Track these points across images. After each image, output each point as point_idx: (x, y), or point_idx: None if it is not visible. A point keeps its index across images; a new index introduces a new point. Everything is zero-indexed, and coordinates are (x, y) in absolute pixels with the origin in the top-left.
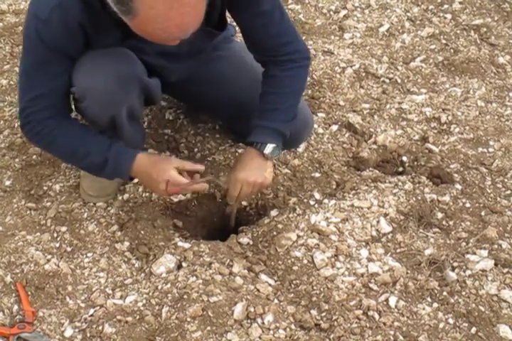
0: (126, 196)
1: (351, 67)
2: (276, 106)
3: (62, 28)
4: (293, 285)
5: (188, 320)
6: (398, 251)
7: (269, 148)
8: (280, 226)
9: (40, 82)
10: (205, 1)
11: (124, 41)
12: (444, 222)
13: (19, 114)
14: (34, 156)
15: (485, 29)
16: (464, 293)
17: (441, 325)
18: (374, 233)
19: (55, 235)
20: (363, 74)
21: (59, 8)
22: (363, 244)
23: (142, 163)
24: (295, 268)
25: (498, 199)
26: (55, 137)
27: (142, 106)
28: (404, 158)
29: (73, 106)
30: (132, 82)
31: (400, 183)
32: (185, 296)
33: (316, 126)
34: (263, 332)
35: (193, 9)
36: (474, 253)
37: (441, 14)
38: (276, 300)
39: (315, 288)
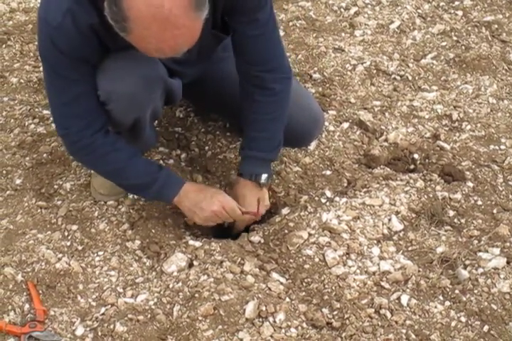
0: None
1: (362, 64)
2: (263, 135)
3: (75, 32)
4: (304, 284)
5: (200, 318)
6: (410, 249)
7: (263, 178)
8: (291, 224)
9: (69, 91)
10: (201, 21)
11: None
12: (455, 220)
13: (56, 124)
14: (44, 155)
15: (496, 26)
16: (476, 291)
17: (453, 324)
18: (385, 231)
19: (66, 234)
20: (374, 71)
21: (70, 13)
22: (375, 242)
23: (190, 188)
24: (306, 266)
25: (510, 196)
26: (103, 153)
27: (163, 106)
28: (416, 156)
29: None
30: (157, 83)
31: (411, 181)
32: (196, 295)
33: (327, 123)
34: (275, 330)
35: (188, 30)
36: (486, 251)
37: (452, 11)
38: (287, 299)
39: (326, 286)
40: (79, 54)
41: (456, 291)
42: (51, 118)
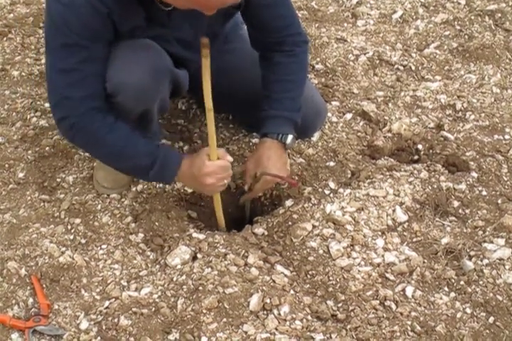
0: (140, 187)
1: (365, 54)
2: (286, 95)
3: (85, 10)
4: (309, 276)
5: (204, 311)
6: (414, 240)
7: (289, 138)
8: (295, 216)
9: (74, 70)
10: None
11: (149, 25)
12: (460, 211)
13: (54, 109)
14: (47, 148)
15: (499, 14)
16: (481, 282)
17: (458, 315)
18: (390, 222)
19: (69, 227)
20: (377, 61)
21: None
22: (379, 233)
23: (184, 167)
24: (311, 258)
25: None
26: (101, 134)
27: (169, 98)
28: (420, 146)
29: None
30: (165, 74)
31: (415, 172)
32: (200, 288)
33: (330, 114)
34: (279, 323)
35: None
36: (491, 242)
37: (455, 0)
38: (292, 291)
39: (331, 278)
40: (91, 31)
41: (462, 282)
42: None
